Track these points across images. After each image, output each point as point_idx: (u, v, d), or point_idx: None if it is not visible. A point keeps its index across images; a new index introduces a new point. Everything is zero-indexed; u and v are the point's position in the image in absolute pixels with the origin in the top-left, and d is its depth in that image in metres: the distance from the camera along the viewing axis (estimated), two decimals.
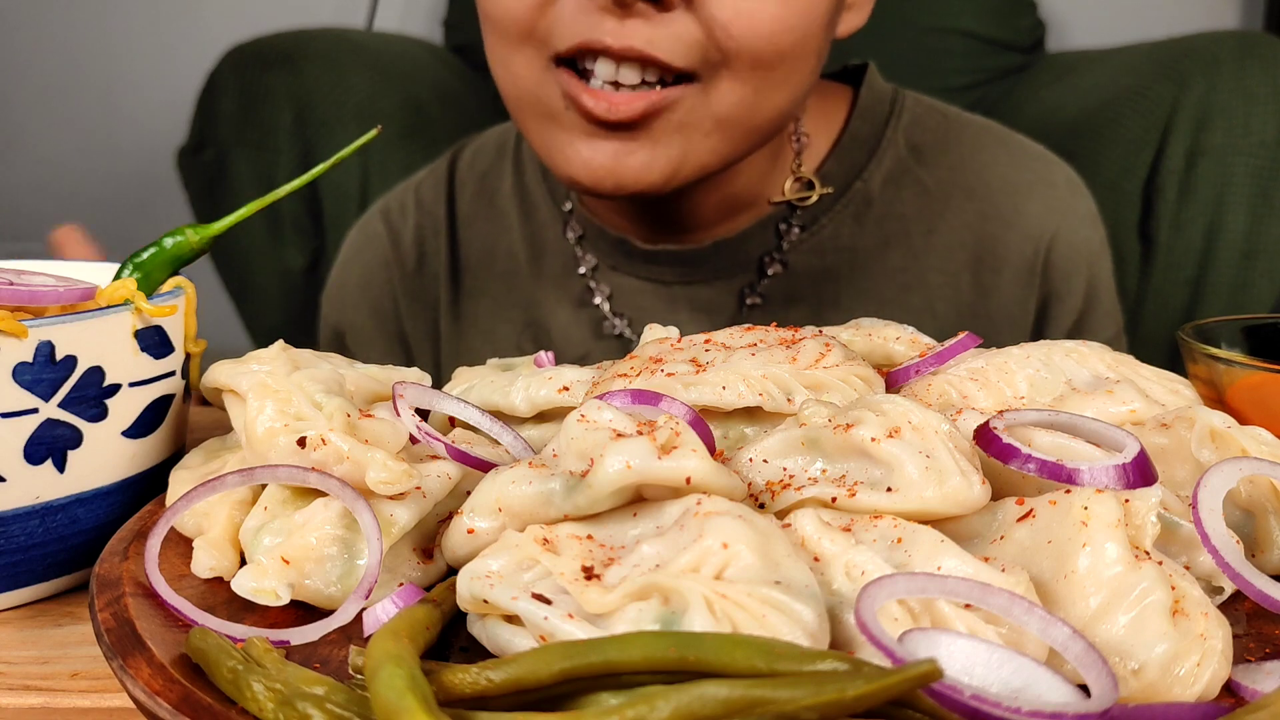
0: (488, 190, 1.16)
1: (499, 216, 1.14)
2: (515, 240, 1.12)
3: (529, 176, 1.14)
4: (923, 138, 1.08)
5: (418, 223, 1.16)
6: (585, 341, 1.08)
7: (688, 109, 0.87)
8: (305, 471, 0.52)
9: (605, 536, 0.46)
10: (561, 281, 1.10)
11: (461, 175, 1.17)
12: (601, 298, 1.08)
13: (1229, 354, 0.65)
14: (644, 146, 0.87)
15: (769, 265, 1.04)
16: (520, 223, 1.13)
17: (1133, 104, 1.64)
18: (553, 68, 0.87)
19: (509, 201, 1.14)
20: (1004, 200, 1.06)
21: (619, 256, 1.07)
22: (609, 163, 0.87)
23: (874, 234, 1.05)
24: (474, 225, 1.15)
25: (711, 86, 0.87)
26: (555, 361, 0.69)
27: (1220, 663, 0.42)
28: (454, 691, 0.39)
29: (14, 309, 0.59)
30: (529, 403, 0.62)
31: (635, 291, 1.07)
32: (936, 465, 0.48)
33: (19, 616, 0.58)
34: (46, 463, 0.56)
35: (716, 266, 1.05)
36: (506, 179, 1.15)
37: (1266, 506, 0.52)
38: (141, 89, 2.61)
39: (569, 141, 0.89)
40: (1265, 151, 1.56)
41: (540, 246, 1.11)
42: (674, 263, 1.05)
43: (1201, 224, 1.60)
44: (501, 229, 1.13)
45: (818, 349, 0.59)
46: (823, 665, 0.37)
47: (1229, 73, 1.58)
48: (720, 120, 0.88)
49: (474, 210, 1.15)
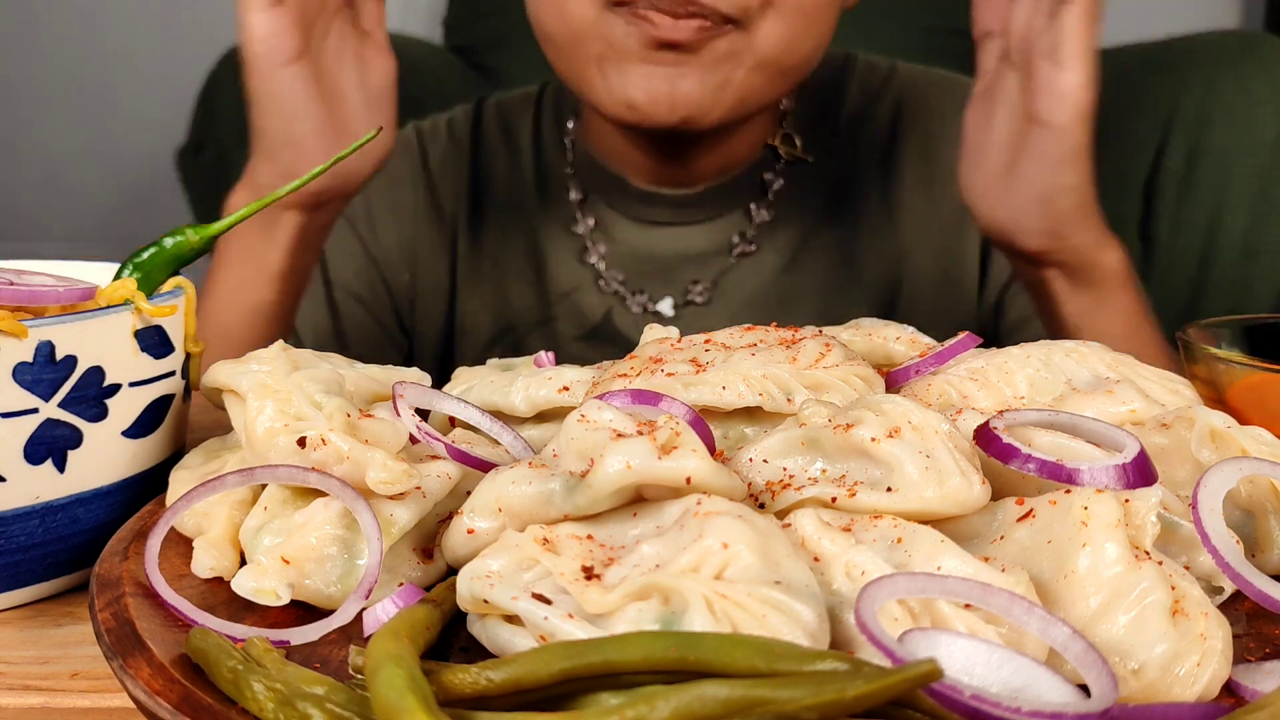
0: (510, 132, 1.29)
1: (516, 156, 1.27)
2: (527, 181, 1.25)
3: (544, 127, 1.27)
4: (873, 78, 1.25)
5: (445, 147, 1.29)
6: (574, 275, 1.21)
7: (732, 42, 0.99)
8: (305, 471, 0.51)
9: (605, 536, 0.46)
10: (561, 221, 1.23)
11: (488, 115, 1.31)
12: (597, 256, 1.21)
13: (1229, 354, 0.65)
14: (694, 71, 0.99)
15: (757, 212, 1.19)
16: (533, 166, 1.26)
17: (1133, 104, 1.64)
18: (610, 7, 0.99)
19: (525, 145, 1.27)
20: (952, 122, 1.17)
21: (615, 196, 1.21)
22: (665, 86, 0.99)
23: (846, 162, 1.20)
24: (494, 159, 1.28)
25: (754, 29, 0.99)
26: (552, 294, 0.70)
27: (1220, 663, 0.42)
28: (454, 691, 0.39)
29: (14, 309, 0.59)
30: (529, 403, 0.62)
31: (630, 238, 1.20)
32: (936, 465, 0.48)
33: (19, 616, 0.58)
34: (46, 463, 0.56)
35: (709, 210, 1.19)
36: (526, 126, 1.29)
37: (1266, 506, 0.52)
38: (141, 89, 2.61)
39: (626, 69, 1.00)
40: (1265, 151, 1.56)
41: (546, 191, 1.24)
42: (669, 204, 1.19)
43: (1201, 224, 1.60)
44: (517, 167, 1.27)
45: (818, 349, 0.59)
46: (823, 665, 0.37)
47: (1229, 73, 1.58)
48: (761, 60, 1.01)
49: (495, 145, 1.28)
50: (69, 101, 2.64)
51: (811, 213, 1.21)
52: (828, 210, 1.21)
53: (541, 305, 1.22)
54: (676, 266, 1.20)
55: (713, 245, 1.19)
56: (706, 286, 1.18)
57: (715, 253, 1.19)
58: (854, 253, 1.20)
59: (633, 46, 0.99)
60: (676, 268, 1.20)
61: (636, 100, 1.00)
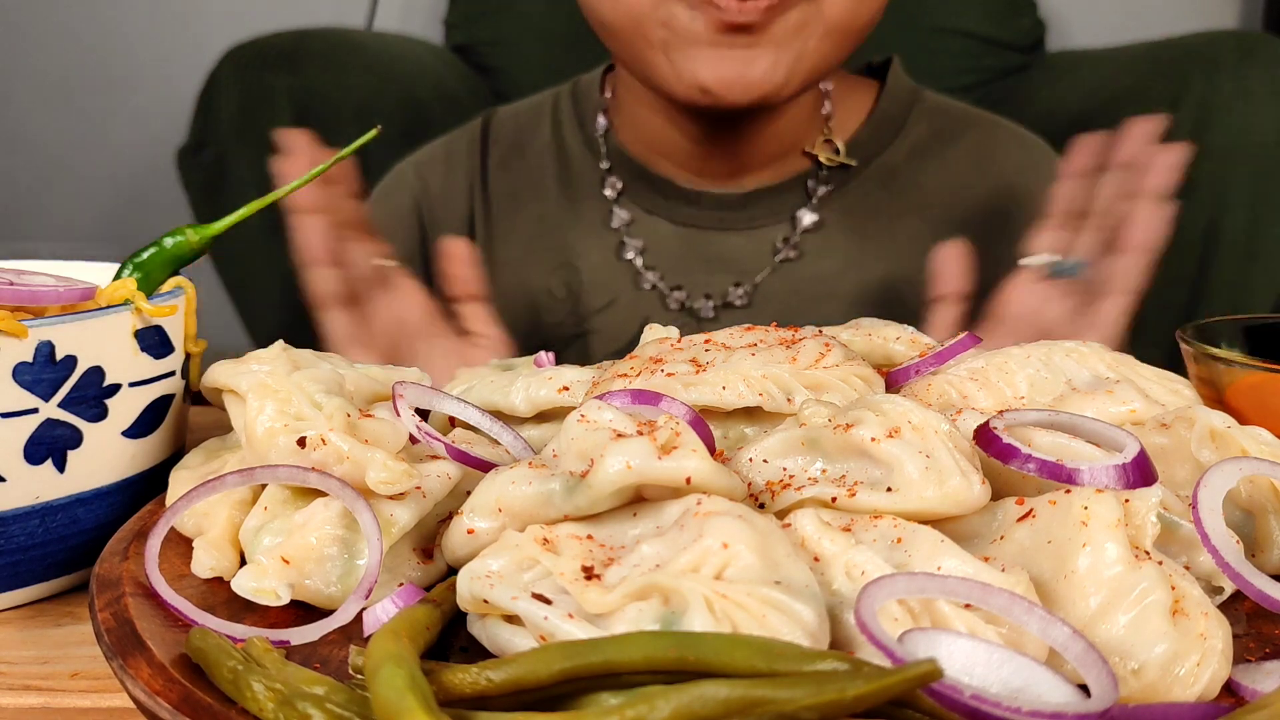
0: (522, 143, 1.24)
1: (534, 168, 1.22)
2: (550, 189, 1.21)
3: (566, 130, 1.22)
4: (944, 122, 1.20)
5: (448, 170, 1.24)
6: (611, 274, 1.16)
7: (802, 12, 0.97)
8: (305, 471, 0.52)
9: (605, 536, 0.46)
10: (595, 230, 1.18)
11: (495, 129, 1.25)
12: (634, 252, 1.16)
13: (1229, 354, 0.65)
14: (767, 51, 0.96)
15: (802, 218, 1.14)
16: (556, 172, 1.21)
17: (1133, 104, 1.64)
18: None
19: (544, 154, 1.22)
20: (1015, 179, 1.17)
21: (657, 199, 1.15)
22: (738, 67, 0.96)
23: (898, 202, 1.15)
24: (506, 173, 1.23)
25: None
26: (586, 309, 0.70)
27: (1220, 663, 0.42)
28: (454, 691, 0.39)
29: (14, 309, 0.59)
30: (529, 403, 0.62)
31: (669, 237, 1.16)
32: (936, 465, 0.48)
33: (19, 616, 0.58)
34: (46, 463, 0.56)
35: (754, 214, 1.14)
36: (543, 133, 1.23)
37: (1266, 506, 0.52)
38: (141, 89, 2.61)
39: (694, 55, 0.96)
40: (1265, 151, 1.56)
41: (574, 195, 1.20)
42: (714, 206, 1.14)
43: (1201, 224, 1.60)
44: (536, 178, 1.22)
45: (818, 349, 0.59)
46: (823, 665, 0.37)
47: (1229, 73, 1.58)
48: (830, 26, 0.98)
49: (506, 160, 1.23)
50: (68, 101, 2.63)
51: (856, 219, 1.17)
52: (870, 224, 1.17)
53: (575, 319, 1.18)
54: (717, 268, 1.16)
55: (756, 249, 1.15)
56: (747, 290, 1.14)
57: (758, 256, 1.15)
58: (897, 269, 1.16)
59: (699, 30, 0.95)
60: (717, 269, 1.16)
61: (709, 84, 0.97)
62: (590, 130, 1.21)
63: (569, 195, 1.20)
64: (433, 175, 1.24)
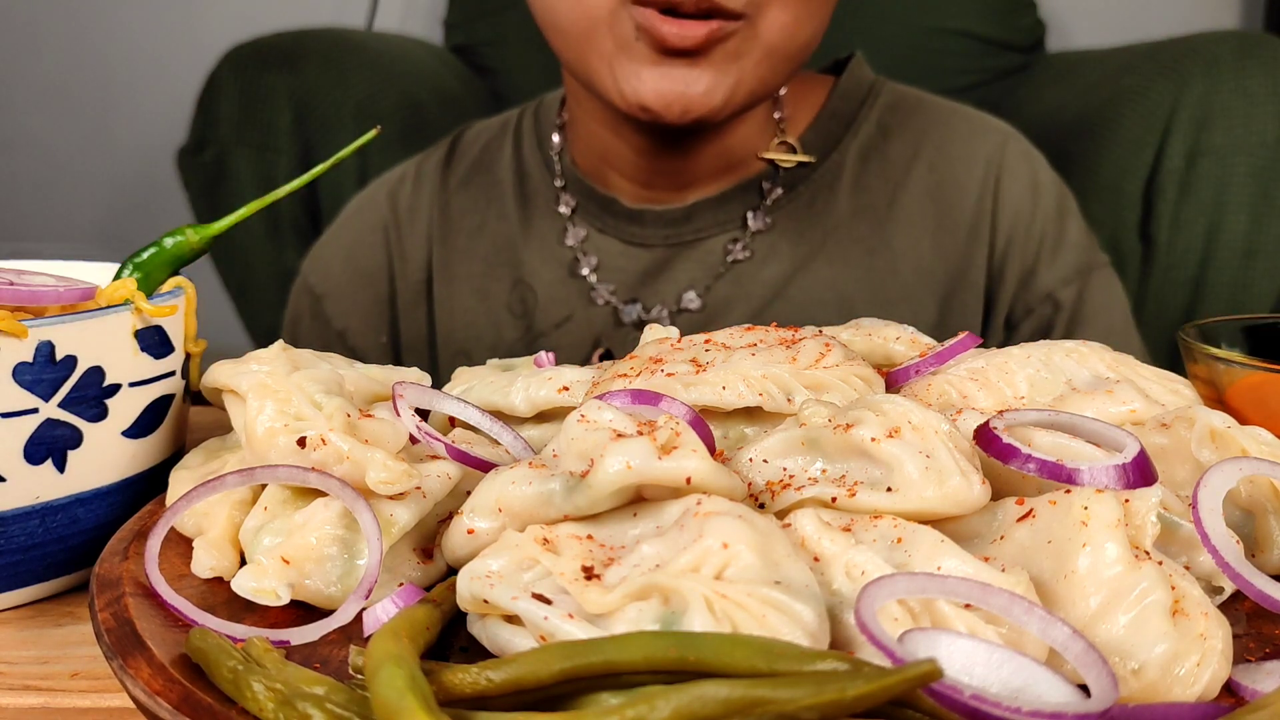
0: (486, 161, 1.25)
1: (494, 185, 1.23)
2: (509, 206, 1.22)
3: (525, 148, 1.23)
4: (893, 118, 1.19)
5: (415, 188, 1.25)
6: (569, 303, 1.17)
7: (740, 39, 0.99)
8: (305, 471, 0.52)
9: (605, 536, 0.46)
10: (550, 247, 1.19)
11: (463, 148, 1.27)
12: (588, 269, 1.16)
13: (1229, 354, 0.65)
14: (706, 73, 0.99)
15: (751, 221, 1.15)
16: (514, 190, 1.22)
17: (1133, 104, 1.64)
18: (628, 3, 0.97)
19: (506, 171, 1.23)
20: (961, 169, 1.16)
21: (606, 217, 1.16)
22: (678, 88, 0.99)
23: (846, 203, 1.16)
24: (469, 190, 1.24)
25: (759, 20, 0.99)
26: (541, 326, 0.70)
27: (1220, 663, 0.42)
28: (454, 691, 0.39)
29: (14, 309, 0.59)
30: (529, 403, 0.62)
31: (620, 255, 1.16)
32: (936, 465, 0.48)
33: (19, 616, 0.58)
34: (46, 463, 0.56)
35: (699, 225, 1.14)
36: (506, 150, 1.24)
37: (1266, 506, 0.52)
38: (141, 89, 2.61)
39: (637, 71, 0.99)
40: (1265, 151, 1.56)
41: (531, 213, 1.20)
42: (658, 224, 1.15)
43: (1201, 224, 1.60)
44: (495, 196, 1.23)
45: (817, 349, 0.59)
46: (823, 665, 0.37)
47: (1229, 73, 1.58)
48: (768, 49, 1.00)
49: (470, 177, 1.24)
50: (68, 101, 2.64)
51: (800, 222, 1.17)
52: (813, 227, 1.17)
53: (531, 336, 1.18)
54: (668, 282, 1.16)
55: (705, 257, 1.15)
56: (700, 292, 1.14)
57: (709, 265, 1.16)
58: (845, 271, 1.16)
59: (643, 50, 0.98)
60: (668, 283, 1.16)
61: (649, 102, 0.99)
62: (547, 149, 1.22)
63: (525, 213, 1.20)
64: (401, 194, 1.26)
